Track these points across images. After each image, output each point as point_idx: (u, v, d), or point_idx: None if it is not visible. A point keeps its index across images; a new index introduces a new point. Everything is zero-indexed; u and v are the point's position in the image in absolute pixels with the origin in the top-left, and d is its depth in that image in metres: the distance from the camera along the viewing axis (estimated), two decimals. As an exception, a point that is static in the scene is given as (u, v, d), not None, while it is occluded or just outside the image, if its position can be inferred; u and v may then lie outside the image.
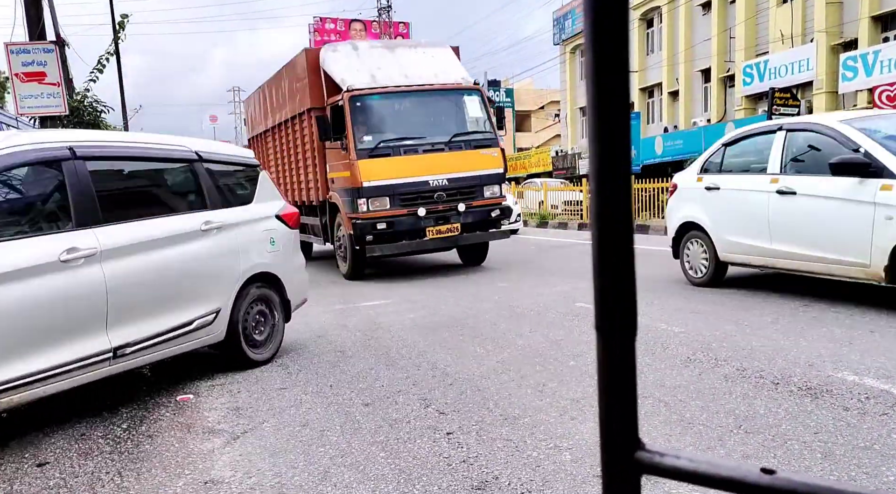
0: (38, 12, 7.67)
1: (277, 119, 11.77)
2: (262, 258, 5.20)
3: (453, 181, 9.07)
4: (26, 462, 3.43)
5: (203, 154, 5.01)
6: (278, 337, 5.40)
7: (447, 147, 9.15)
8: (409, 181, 8.87)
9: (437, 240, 9.04)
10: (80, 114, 8.09)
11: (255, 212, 5.28)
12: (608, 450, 0.53)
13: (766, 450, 3.06)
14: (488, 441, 3.39)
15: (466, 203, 9.21)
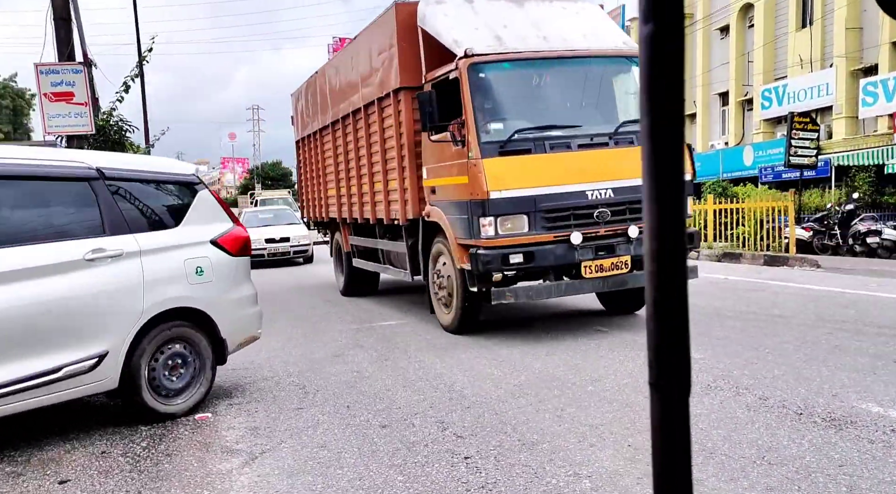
0: (67, 34, 7.86)
1: (341, 111, 9.08)
2: (182, 291, 4.44)
3: (621, 192, 6.15)
4: (48, 479, 3.46)
5: (108, 171, 4.33)
6: (204, 384, 4.60)
7: (612, 141, 6.28)
8: (559, 191, 6.01)
9: (598, 281, 6.19)
10: (106, 134, 8.26)
11: (179, 237, 4.54)
12: None
13: (790, 483, 3.01)
14: (507, 467, 3.37)
15: (639, 224, 6.04)
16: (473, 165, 6.01)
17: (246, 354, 6.31)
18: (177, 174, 4.81)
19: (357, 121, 8.54)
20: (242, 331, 4.92)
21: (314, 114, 10.67)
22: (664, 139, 0.50)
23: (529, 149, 6.11)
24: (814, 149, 15.72)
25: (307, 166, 11.57)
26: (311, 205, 11.58)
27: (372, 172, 8.17)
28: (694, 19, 28.26)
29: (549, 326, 6.89)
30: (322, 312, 8.68)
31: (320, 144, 10.49)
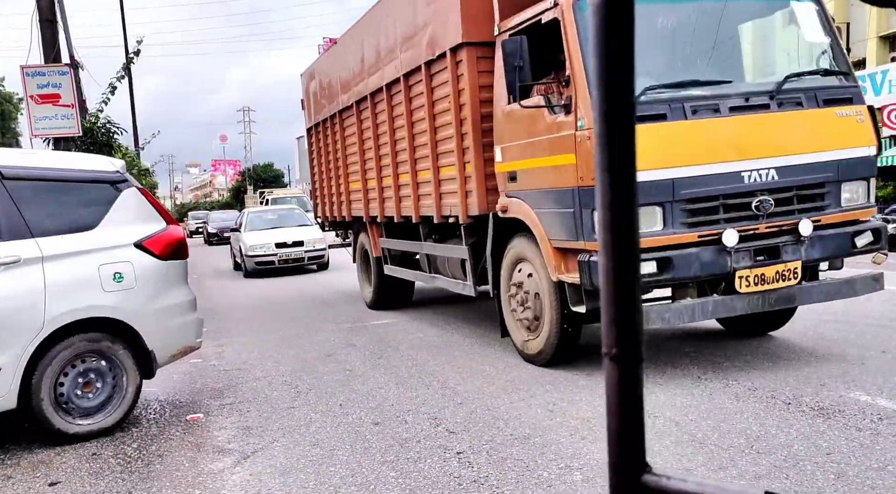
0: (53, 35, 7.83)
1: (370, 86, 7.41)
2: (96, 300, 4.05)
3: (788, 172, 4.53)
4: (38, 481, 3.45)
5: (6, 170, 4.00)
6: (126, 401, 4.18)
7: (773, 101, 4.58)
8: (705, 172, 4.40)
9: (756, 298, 4.49)
10: (93, 136, 8.22)
11: (94, 240, 4.14)
12: (616, 474, 0.54)
13: (778, 471, 3.03)
14: (499, 461, 3.38)
15: (813, 218, 4.57)
16: (587, 138, 4.33)
17: (237, 354, 6.31)
18: (95, 172, 4.37)
19: (393, 97, 6.93)
20: (174, 342, 4.45)
21: (332, 95, 8.87)
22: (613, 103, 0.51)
23: (664, 113, 4.36)
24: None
25: (322, 157, 9.73)
26: (328, 202, 9.78)
27: (414, 159, 6.54)
28: None
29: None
30: (315, 312, 8.67)
31: (340, 129, 8.69)
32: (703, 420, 3.72)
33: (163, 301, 4.36)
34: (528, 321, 5.14)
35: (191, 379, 5.54)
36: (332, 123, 9.08)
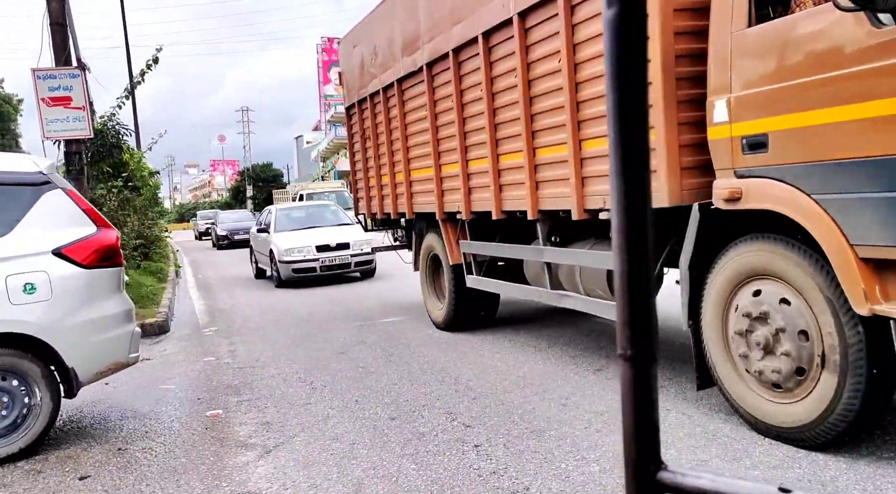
0: (63, 38, 7.90)
1: (455, 37, 5.68)
2: (1, 313, 3.73)
3: None
4: (68, 476, 3.53)
5: None
6: (40, 421, 3.85)
7: None
8: None
9: None
10: (103, 137, 8.31)
11: (3, 249, 3.82)
12: (632, 471, 0.56)
13: (791, 461, 3.12)
14: (516, 453, 3.47)
15: None
16: None
17: (250, 353, 6.39)
18: (9, 173, 4.02)
19: (494, 49, 5.25)
20: (101, 358, 4.05)
21: (388, 60, 7.06)
22: (629, 111, 0.52)
23: None
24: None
25: (370, 140, 7.84)
26: (375, 196, 7.95)
27: (531, 131, 4.92)
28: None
29: (549, 319, 6.99)
30: (325, 311, 8.75)
31: (399, 103, 6.89)
32: (715, 413, 3.81)
33: (87, 313, 3.97)
34: (777, 374, 3.31)
35: (206, 376, 5.62)
36: (385, 97, 7.21)
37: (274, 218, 12.78)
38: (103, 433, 4.24)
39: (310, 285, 11.41)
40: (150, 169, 12.57)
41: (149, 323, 7.78)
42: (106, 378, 4.24)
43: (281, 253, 11.38)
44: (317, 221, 12.88)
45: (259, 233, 12.89)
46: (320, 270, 11.42)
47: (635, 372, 0.54)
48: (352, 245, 11.52)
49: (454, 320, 6.63)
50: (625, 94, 0.53)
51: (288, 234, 11.93)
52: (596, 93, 4.24)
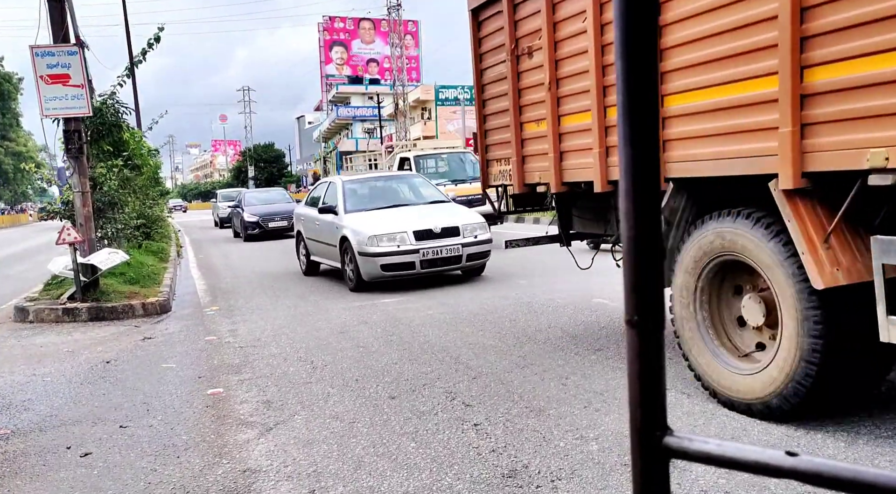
0: (61, 15, 7.80)
1: None
2: None
3: None
4: (69, 453, 3.55)
5: None
6: None
7: None
8: None
9: None
10: (102, 116, 8.25)
11: None
12: (637, 436, 0.55)
13: (790, 439, 3.13)
14: (515, 432, 3.48)
15: None
16: None
17: (250, 332, 6.41)
18: None
19: None
20: None
21: None
22: (637, 82, 0.52)
23: None
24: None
25: (547, 53, 4.75)
26: (546, 150, 4.94)
27: None
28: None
29: (550, 299, 6.98)
30: (324, 290, 8.76)
31: None
32: (715, 393, 3.81)
33: None
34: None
35: (207, 355, 5.63)
36: None
37: (341, 193, 9.17)
38: (105, 410, 4.26)
39: (412, 287, 8.17)
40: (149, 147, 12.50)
41: (151, 302, 7.79)
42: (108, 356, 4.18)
43: (362, 242, 8.03)
44: (401, 198, 9.60)
45: (321, 215, 9.27)
46: (421, 266, 8.01)
47: (642, 339, 0.54)
48: (462, 230, 8.23)
49: (809, 401, 3.21)
50: (635, 87, 0.52)
51: (367, 216, 8.61)
52: None
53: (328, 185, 10.00)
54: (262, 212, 18.37)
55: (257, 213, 18.34)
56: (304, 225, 10.26)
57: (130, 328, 7.01)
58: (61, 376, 5.18)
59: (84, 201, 7.83)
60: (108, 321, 7.38)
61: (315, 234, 9.72)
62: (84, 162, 7.84)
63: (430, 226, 8.19)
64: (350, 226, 8.46)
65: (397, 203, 9.33)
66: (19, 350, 6.23)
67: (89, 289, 7.68)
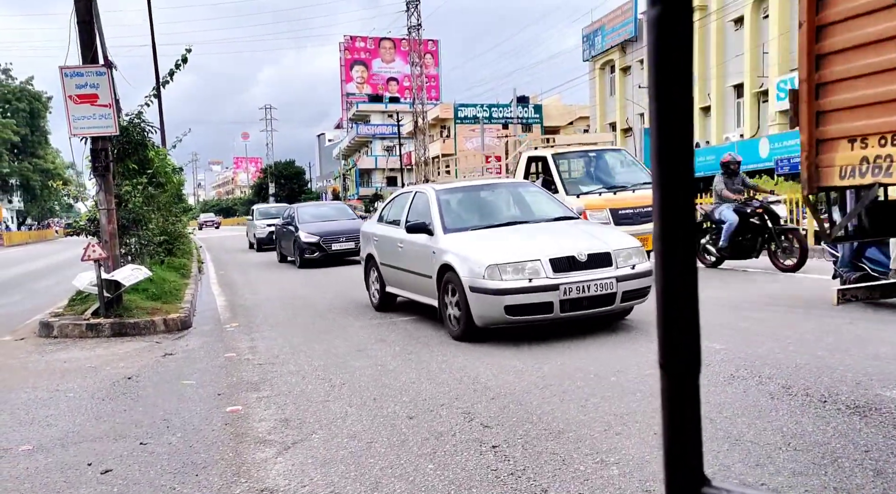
0: (90, 37, 7.99)
1: None
2: None
3: None
4: (90, 470, 3.57)
5: None
6: None
7: None
8: None
9: None
10: (128, 135, 8.41)
11: None
12: (673, 487, 0.53)
13: (816, 468, 3.06)
14: (535, 455, 3.44)
15: None
16: None
17: (269, 349, 6.43)
18: None
19: None
20: None
21: None
22: (672, 123, 0.51)
23: None
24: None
25: None
26: None
27: None
28: (708, 11, 28.08)
29: (569, 321, 6.92)
30: (341, 308, 8.78)
31: None
32: (738, 418, 3.74)
33: None
34: None
35: (227, 372, 5.66)
36: None
37: (435, 207, 7.03)
38: (126, 427, 4.29)
39: (551, 336, 6.07)
40: (173, 165, 12.70)
41: (172, 318, 7.87)
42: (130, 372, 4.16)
43: (477, 273, 5.89)
44: (515, 213, 7.30)
45: (408, 236, 7.19)
46: (561, 308, 5.77)
47: (676, 384, 0.52)
48: (613, 258, 6.00)
49: None
50: (669, 105, 0.50)
51: (475, 238, 6.52)
52: None
53: (413, 196, 7.77)
54: (322, 231, 14.96)
55: (317, 232, 14.94)
56: (377, 247, 8.16)
57: (152, 344, 7.07)
58: (84, 391, 5.24)
59: (109, 218, 7.96)
60: (131, 336, 7.46)
61: (395, 260, 7.60)
62: (110, 180, 7.98)
63: (571, 251, 5.90)
64: (454, 250, 6.31)
65: (513, 220, 7.01)
66: (43, 365, 6.32)
67: (112, 305, 7.78)
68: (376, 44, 66.23)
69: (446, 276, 6.41)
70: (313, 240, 14.85)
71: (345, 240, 14.85)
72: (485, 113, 42.93)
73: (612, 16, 36.01)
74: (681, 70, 0.50)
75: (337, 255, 14.87)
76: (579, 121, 47.66)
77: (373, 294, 8.55)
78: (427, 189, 7.60)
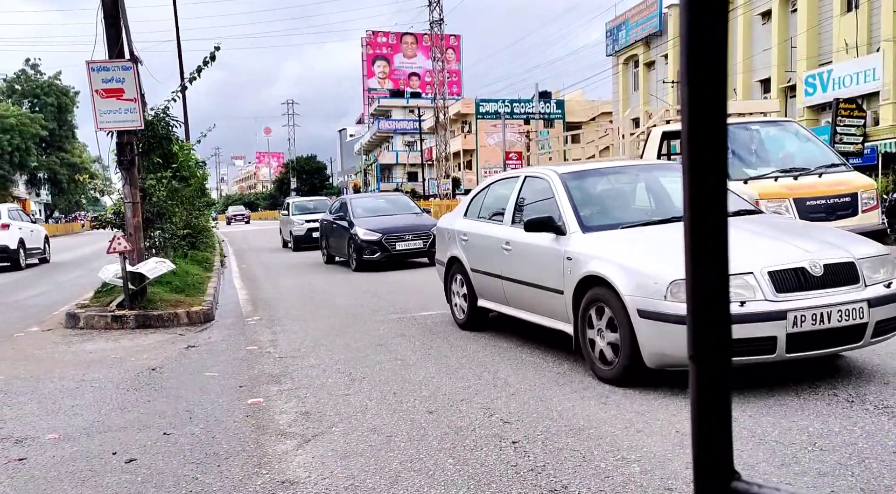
0: (116, 32, 8.09)
1: None
2: None
3: None
4: (114, 459, 3.63)
5: None
6: None
7: None
8: None
9: None
10: (153, 129, 8.51)
11: None
12: (702, 481, 0.52)
13: (843, 468, 3.00)
14: (555, 451, 3.42)
15: None
16: None
17: (291, 343, 6.47)
18: None
19: None
20: None
21: None
22: (705, 113, 0.50)
23: None
24: (860, 136, 15.37)
25: None
26: None
27: None
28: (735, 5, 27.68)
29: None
30: (361, 303, 8.81)
31: None
32: (763, 417, 3.69)
33: None
34: None
35: (248, 365, 5.71)
36: None
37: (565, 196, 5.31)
38: (150, 417, 4.35)
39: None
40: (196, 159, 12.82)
41: (195, 311, 7.96)
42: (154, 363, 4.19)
43: (653, 290, 4.14)
44: (670, 206, 5.41)
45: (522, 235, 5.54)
46: (787, 346, 3.95)
47: (706, 375, 0.51)
48: (859, 270, 4.16)
49: None
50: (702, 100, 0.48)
51: (633, 239, 4.78)
52: None
53: (521, 183, 6.06)
54: (383, 228, 12.52)
55: (377, 229, 12.48)
56: (467, 249, 6.54)
57: (175, 336, 7.16)
58: (109, 382, 5.32)
59: (134, 211, 8.06)
60: (154, 328, 7.56)
61: (497, 266, 5.94)
62: (135, 173, 8.08)
63: (798, 260, 4.10)
64: (605, 255, 4.59)
65: (669, 216, 5.12)
66: (70, 356, 6.42)
67: (137, 297, 7.89)
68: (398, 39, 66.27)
69: (591, 293, 4.63)
70: (373, 238, 12.35)
71: (411, 238, 12.50)
72: (506, 108, 42.75)
73: (637, 10, 35.63)
74: (715, 55, 0.49)
75: (402, 256, 12.54)
76: (602, 117, 47.32)
77: (458, 307, 6.78)
78: (547, 172, 5.71)
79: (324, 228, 15.12)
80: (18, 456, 3.73)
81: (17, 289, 12.44)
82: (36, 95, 54.32)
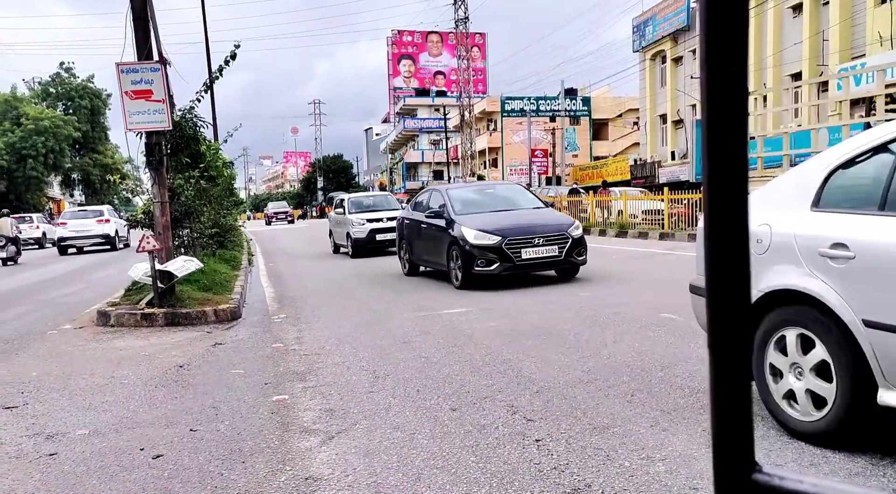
0: (145, 34, 8.22)
1: None
2: None
3: None
4: (142, 454, 3.69)
5: None
6: None
7: None
8: None
9: None
10: (181, 129, 8.64)
11: None
12: (722, 472, 0.51)
13: (874, 469, 2.92)
14: (578, 450, 3.39)
15: None
16: None
17: (316, 340, 6.52)
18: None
19: None
20: None
21: None
22: (725, 110, 0.49)
23: None
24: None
25: None
26: None
27: None
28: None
29: (616, 313, 6.82)
30: (387, 299, 8.84)
31: None
32: (792, 416, 3.61)
33: None
34: None
35: (273, 362, 5.76)
36: None
37: None
38: (177, 413, 4.41)
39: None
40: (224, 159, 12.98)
41: (222, 308, 8.06)
42: (182, 361, 4.19)
43: None
44: None
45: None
46: None
47: (726, 364, 0.50)
48: None
49: None
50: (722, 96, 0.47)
51: None
52: None
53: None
54: (501, 229, 9.10)
55: (494, 230, 9.08)
56: (854, 277, 3.06)
57: (203, 333, 7.26)
58: (138, 379, 5.41)
59: (163, 211, 8.19)
60: (183, 326, 7.68)
61: None
62: (164, 173, 8.21)
63: None
64: None
65: None
66: (100, 353, 6.55)
67: (166, 295, 8.01)
68: (423, 38, 66.35)
69: None
70: (490, 243, 8.99)
71: (542, 242, 9.01)
72: (532, 105, 42.54)
73: (664, 5, 35.16)
74: (736, 51, 0.48)
75: (529, 266, 9.07)
76: (628, 114, 46.84)
77: None
78: None
79: (404, 228, 11.63)
80: (50, 452, 3.81)
81: (51, 287, 12.73)
82: (70, 98, 55.45)
